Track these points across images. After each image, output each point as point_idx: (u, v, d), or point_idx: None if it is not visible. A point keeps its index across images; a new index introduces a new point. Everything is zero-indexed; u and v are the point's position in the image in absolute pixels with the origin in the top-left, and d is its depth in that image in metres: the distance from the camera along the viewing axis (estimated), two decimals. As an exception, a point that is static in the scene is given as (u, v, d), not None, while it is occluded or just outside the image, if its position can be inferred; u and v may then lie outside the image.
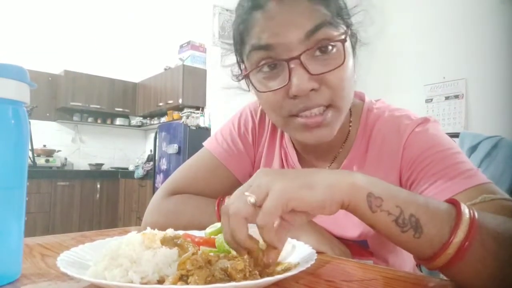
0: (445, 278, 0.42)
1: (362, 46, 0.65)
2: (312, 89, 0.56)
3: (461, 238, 0.37)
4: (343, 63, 0.55)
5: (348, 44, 0.59)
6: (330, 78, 0.56)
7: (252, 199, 0.38)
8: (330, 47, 0.56)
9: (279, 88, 0.57)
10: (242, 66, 0.67)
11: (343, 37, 0.56)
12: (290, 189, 0.38)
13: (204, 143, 0.82)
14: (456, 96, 2.30)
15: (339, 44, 0.56)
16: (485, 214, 0.40)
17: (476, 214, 0.39)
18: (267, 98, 0.60)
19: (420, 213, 0.39)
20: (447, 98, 2.34)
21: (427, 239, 0.38)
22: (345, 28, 0.59)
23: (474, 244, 0.37)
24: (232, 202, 0.40)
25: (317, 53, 0.56)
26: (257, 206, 0.38)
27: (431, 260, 0.39)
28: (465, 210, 0.39)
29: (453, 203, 0.41)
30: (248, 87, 0.63)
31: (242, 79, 0.62)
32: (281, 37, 0.55)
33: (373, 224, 0.41)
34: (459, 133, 1.31)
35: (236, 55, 0.66)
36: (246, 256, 0.40)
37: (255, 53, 0.58)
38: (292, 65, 0.55)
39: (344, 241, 0.66)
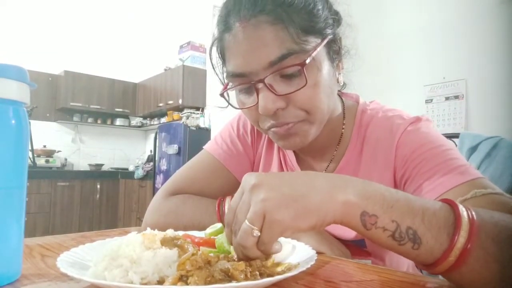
0: (444, 278, 0.42)
1: (359, 48, 0.66)
2: (279, 108, 0.58)
3: (462, 244, 0.36)
4: (305, 84, 0.56)
5: (321, 55, 0.59)
6: (297, 98, 0.58)
7: (257, 232, 0.39)
8: (292, 71, 0.57)
9: (252, 106, 0.60)
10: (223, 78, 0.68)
11: (306, 59, 0.56)
12: (284, 220, 0.39)
13: (204, 146, 0.83)
14: (456, 97, 2.30)
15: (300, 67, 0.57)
16: (483, 213, 0.39)
17: (474, 215, 0.38)
18: (245, 113, 0.65)
19: (417, 224, 0.38)
20: (447, 98, 2.34)
21: (426, 249, 0.38)
22: (316, 42, 0.58)
23: (475, 248, 0.36)
24: (238, 227, 0.41)
25: (282, 75, 0.58)
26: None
27: (432, 267, 0.39)
28: (463, 213, 0.38)
29: (450, 204, 0.40)
30: (228, 102, 0.65)
31: (221, 95, 0.65)
32: (248, 66, 0.57)
33: (368, 238, 0.41)
34: (459, 133, 1.31)
35: (215, 70, 0.68)
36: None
37: (230, 78, 0.62)
38: (259, 87, 0.58)
39: (341, 241, 0.66)
